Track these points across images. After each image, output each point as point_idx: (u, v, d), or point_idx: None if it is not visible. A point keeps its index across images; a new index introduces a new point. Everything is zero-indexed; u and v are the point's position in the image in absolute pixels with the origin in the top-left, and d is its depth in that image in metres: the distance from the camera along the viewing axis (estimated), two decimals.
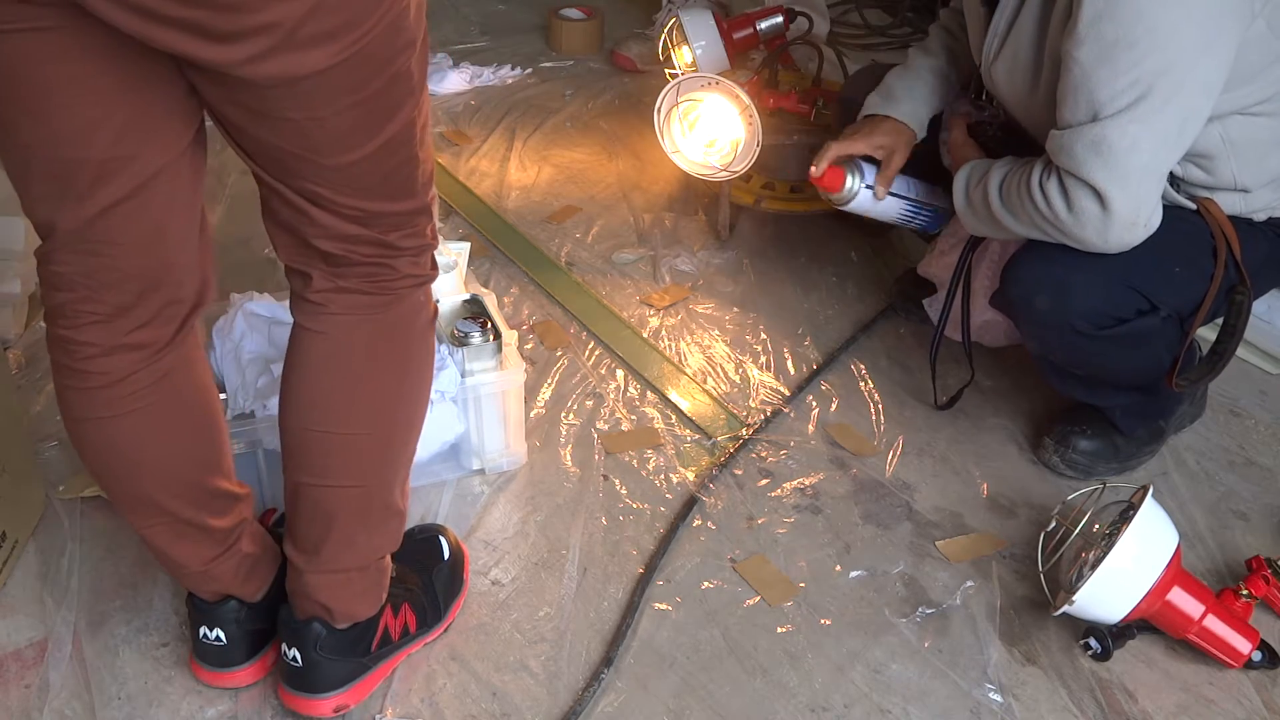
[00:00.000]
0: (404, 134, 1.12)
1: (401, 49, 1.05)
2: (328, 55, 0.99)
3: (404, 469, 1.34)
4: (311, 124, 1.05)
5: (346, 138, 1.07)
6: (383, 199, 1.15)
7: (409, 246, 1.21)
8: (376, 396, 1.26)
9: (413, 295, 1.24)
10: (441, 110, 2.92)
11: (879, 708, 1.43)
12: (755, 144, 2.08)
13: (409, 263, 1.22)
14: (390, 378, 1.26)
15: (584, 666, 1.47)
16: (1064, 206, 1.47)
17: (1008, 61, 1.60)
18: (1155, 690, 1.46)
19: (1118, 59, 1.39)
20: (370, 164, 1.11)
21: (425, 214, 1.22)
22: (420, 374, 1.30)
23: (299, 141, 1.07)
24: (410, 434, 1.32)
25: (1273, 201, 1.60)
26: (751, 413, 1.92)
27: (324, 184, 1.11)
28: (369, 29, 1.00)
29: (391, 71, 1.06)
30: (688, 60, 2.28)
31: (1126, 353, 1.60)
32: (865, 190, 1.84)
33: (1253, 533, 1.71)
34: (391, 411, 1.28)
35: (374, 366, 1.24)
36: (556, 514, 1.70)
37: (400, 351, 1.26)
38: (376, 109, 1.07)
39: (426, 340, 1.29)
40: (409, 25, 1.05)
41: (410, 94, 1.10)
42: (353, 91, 1.04)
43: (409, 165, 1.15)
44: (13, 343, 1.95)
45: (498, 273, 2.27)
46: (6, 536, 1.54)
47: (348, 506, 1.28)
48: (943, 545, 1.67)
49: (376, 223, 1.16)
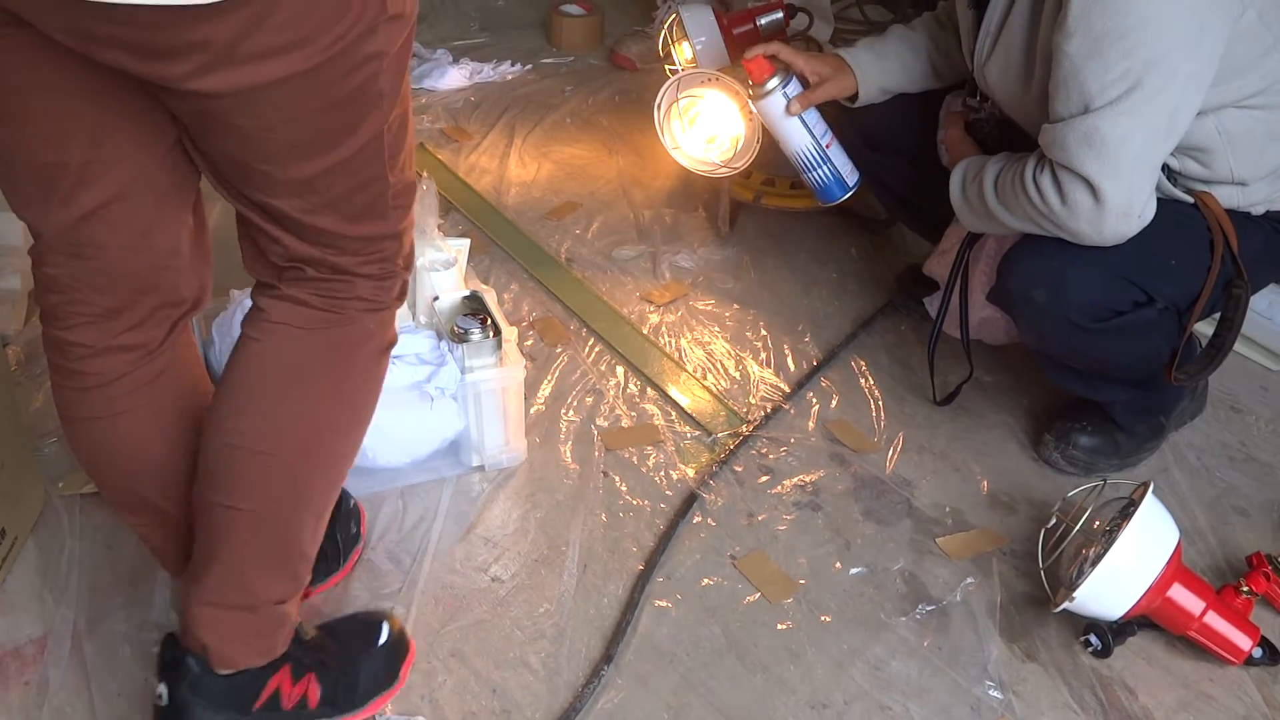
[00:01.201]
0: (368, 152, 1.06)
1: (362, 63, 0.99)
2: (274, 70, 0.94)
3: (317, 506, 1.22)
4: (263, 133, 1.00)
5: (300, 150, 1.03)
6: (342, 220, 1.10)
7: (369, 273, 1.15)
8: (297, 418, 1.16)
9: (363, 319, 1.17)
10: (441, 106, 2.91)
11: (879, 704, 1.43)
12: (755, 140, 2.08)
13: (368, 286, 1.16)
14: (317, 401, 1.17)
15: (584, 663, 1.47)
16: (1057, 199, 1.47)
17: (1000, 61, 1.61)
18: (1156, 687, 1.46)
19: (1108, 51, 1.39)
20: (328, 180, 1.06)
21: (393, 239, 1.15)
22: (354, 405, 1.20)
23: (252, 151, 1.02)
24: (331, 468, 1.21)
25: (1270, 195, 1.60)
26: (751, 409, 1.92)
27: (278, 197, 1.06)
28: (323, 46, 0.95)
29: (352, 85, 1.00)
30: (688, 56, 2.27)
31: (1124, 346, 1.60)
32: (781, 96, 1.87)
33: (1253, 529, 1.71)
34: (311, 437, 1.18)
35: (300, 384, 1.16)
36: (556, 510, 1.70)
37: (335, 375, 1.18)
38: (333, 123, 1.02)
39: (371, 372, 1.20)
40: (374, 40, 0.99)
41: (374, 109, 1.04)
42: (305, 104, 0.99)
43: (374, 186, 1.09)
44: (12, 338, 1.95)
45: (497, 269, 2.27)
46: (6, 533, 1.53)
47: (241, 533, 1.18)
48: (943, 542, 1.67)
49: (334, 244, 1.11)
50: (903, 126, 1.91)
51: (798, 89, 1.88)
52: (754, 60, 1.87)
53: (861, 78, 1.86)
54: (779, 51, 1.87)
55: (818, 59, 1.89)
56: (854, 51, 1.88)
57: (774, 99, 1.88)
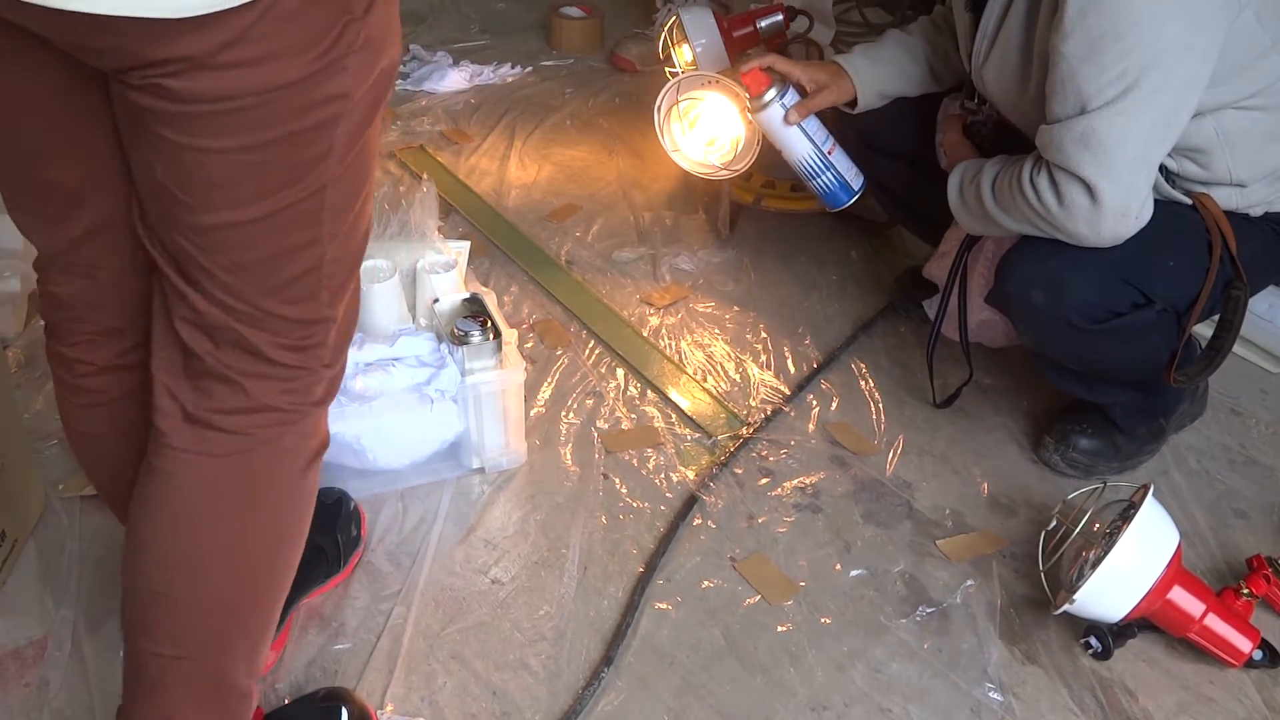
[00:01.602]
0: (302, 210, 0.94)
1: (321, 102, 0.89)
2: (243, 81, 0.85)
3: (252, 643, 1.13)
4: (194, 156, 0.89)
5: (228, 189, 0.91)
6: (263, 289, 0.96)
7: (284, 362, 1.01)
8: (211, 560, 1.06)
9: (279, 437, 1.03)
10: (441, 109, 2.91)
11: (879, 707, 1.43)
12: (755, 142, 2.08)
13: (275, 391, 1.01)
14: (235, 539, 1.06)
15: (584, 665, 1.47)
16: (1054, 200, 1.48)
17: (997, 63, 1.61)
18: (1156, 689, 1.46)
19: (1104, 52, 1.39)
20: (255, 235, 0.94)
21: (321, 325, 1.02)
22: (279, 534, 1.09)
23: (176, 174, 0.91)
24: (262, 605, 1.11)
25: (1269, 196, 1.61)
26: (752, 411, 1.92)
27: (196, 243, 0.94)
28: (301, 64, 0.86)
29: (302, 125, 0.89)
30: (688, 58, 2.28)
31: (1123, 347, 1.60)
32: (779, 107, 1.87)
33: (1253, 531, 1.71)
34: (231, 580, 1.08)
35: (214, 523, 1.05)
36: (556, 513, 1.70)
37: (252, 507, 1.06)
38: (271, 166, 0.91)
39: (295, 495, 1.08)
40: (342, 78, 0.89)
41: (320, 162, 0.92)
42: (247, 133, 0.88)
43: (306, 255, 0.97)
44: (12, 341, 1.95)
45: (497, 271, 2.27)
46: (6, 535, 1.53)
47: (170, 678, 1.09)
48: (943, 544, 1.67)
49: (250, 320, 0.98)
50: (901, 129, 1.92)
51: (795, 98, 1.88)
52: (750, 73, 1.88)
53: (859, 84, 1.86)
54: (774, 63, 1.87)
55: (814, 67, 1.89)
56: (850, 58, 1.88)
57: (772, 110, 1.88)
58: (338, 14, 0.87)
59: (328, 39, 0.87)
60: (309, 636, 1.49)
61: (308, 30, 0.86)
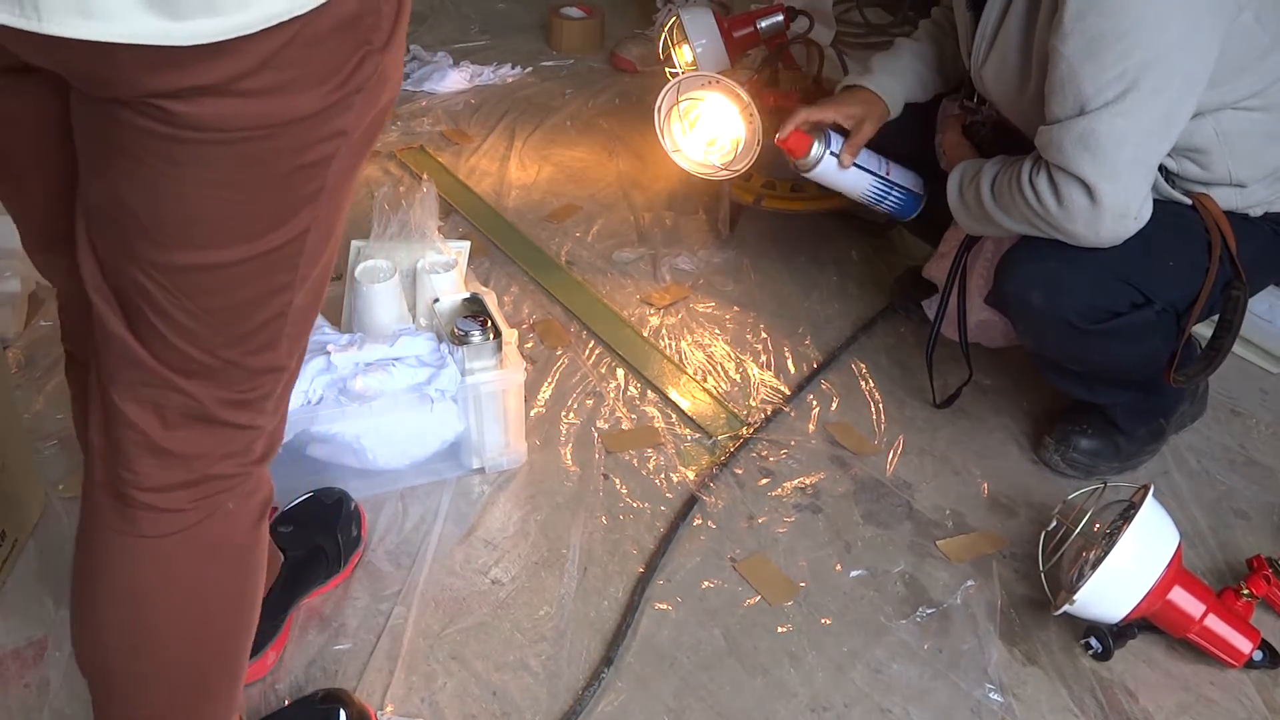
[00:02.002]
0: (284, 254, 0.87)
1: (323, 139, 0.83)
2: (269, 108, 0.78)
3: (227, 692, 1.08)
4: (173, 188, 0.80)
5: (211, 225, 0.83)
6: (229, 340, 0.89)
7: (233, 422, 0.93)
8: (169, 638, 1.01)
9: (216, 507, 0.97)
10: (441, 109, 2.91)
11: (879, 707, 1.43)
12: (756, 143, 2.08)
13: (215, 457, 0.94)
14: (188, 614, 1.01)
15: (584, 666, 1.47)
16: (1054, 201, 1.48)
17: (996, 64, 1.61)
18: (1156, 690, 1.46)
19: (1103, 53, 1.39)
20: (231, 279, 0.86)
21: (275, 375, 0.94)
22: (235, 598, 1.03)
23: (150, 204, 0.81)
24: (232, 661, 1.06)
25: (1269, 196, 1.61)
26: (752, 412, 1.92)
27: (160, 284, 0.85)
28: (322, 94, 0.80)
29: (301, 163, 0.82)
30: (688, 59, 2.28)
31: (1122, 347, 1.60)
32: (830, 157, 1.85)
33: (1254, 532, 1.71)
34: (195, 650, 1.03)
35: (162, 603, 0.99)
36: (557, 513, 1.70)
37: (201, 583, 1.00)
38: (260, 206, 0.83)
39: (242, 556, 1.02)
40: (347, 115, 0.83)
41: (311, 203, 0.85)
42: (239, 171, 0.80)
43: (276, 301, 0.89)
44: (12, 341, 1.95)
45: (498, 271, 2.27)
46: (6, 535, 1.53)
47: None
48: (943, 545, 1.67)
49: (203, 373, 0.90)
50: (900, 130, 1.91)
51: (840, 141, 1.85)
52: (789, 138, 1.83)
53: (890, 103, 1.85)
54: (809, 115, 1.84)
55: (846, 103, 1.85)
56: (876, 79, 1.86)
57: (826, 164, 1.85)
58: (358, 44, 0.81)
59: (346, 69, 0.80)
60: (309, 636, 1.49)
61: (330, 59, 0.79)
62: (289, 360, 0.95)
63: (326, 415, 1.60)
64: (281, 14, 0.74)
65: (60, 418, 1.81)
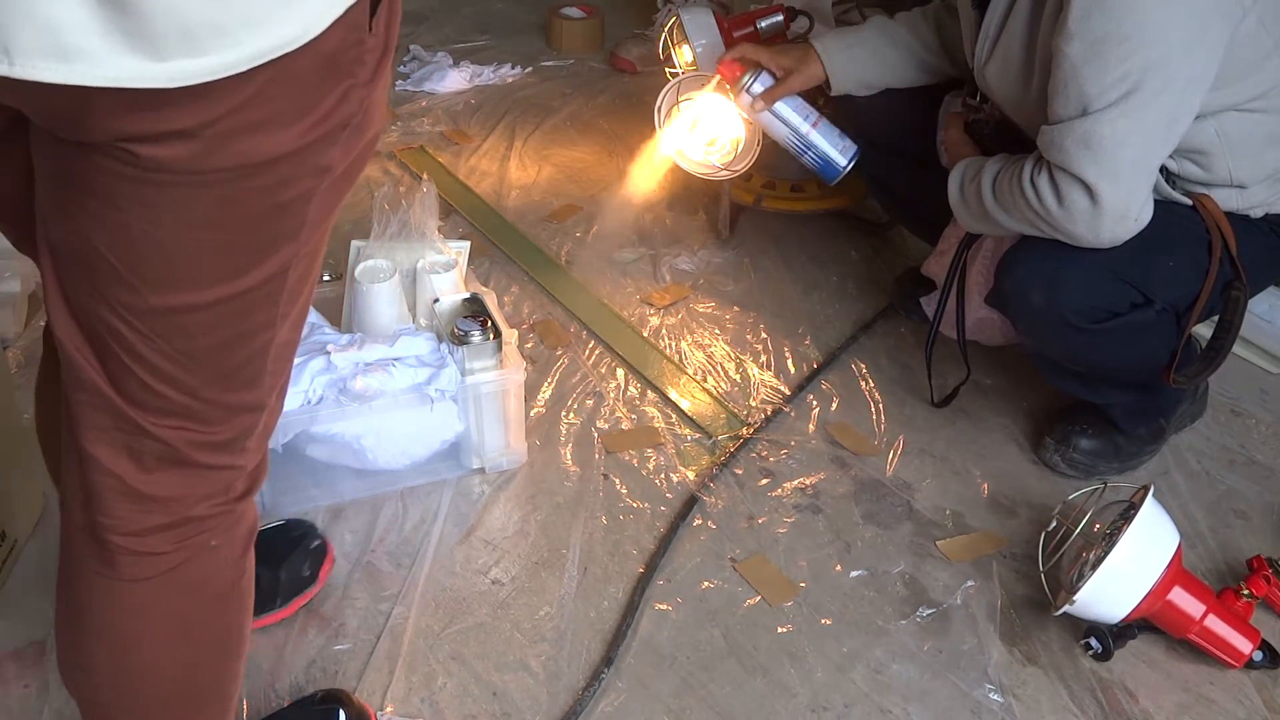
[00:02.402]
0: (264, 292, 0.84)
1: (306, 174, 0.80)
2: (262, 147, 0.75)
3: (221, 715, 1.06)
4: (149, 227, 0.77)
5: (187, 267, 0.80)
6: (208, 380, 0.86)
7: (209, 464, 0.91)
8: (158, 676, 0.99)
9: (199, 547, 0.94)
10: (441, 109, 2.91)
11: (879, 708, 1.43)
12: (755, 143, 2.08)
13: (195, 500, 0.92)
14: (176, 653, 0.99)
15: (584, 666, 1.46)
16: (1054, 201, 1.48)
17: (999, 63, 1.61)
18: (1156, 690, 1.46)
19: (1107, 54, 1.39)
20: (210, 320, 0.83)
21: (255, 413, 0.92)
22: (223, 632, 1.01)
23: (122, 247, 0.78)
24: (224, 688, 1.04)
25: (1269, 197, 1.61)
26: (752, 412, 1.92)
27: (136, 329, 0.82)
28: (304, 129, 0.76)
29: (282, 200, 0.79)
30: (688, 59, 2.28)
31: (1122, 347, 1.60)
32: (747, 95, 1.94)
33: (1254, 532, 1.71)
34: (185, 683, 1.01)
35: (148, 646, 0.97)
36: (557, 513, 1.70)
37: (187, 622, 0.98)
38: (240, 245, 0.80)
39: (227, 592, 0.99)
40: (331, 151, 0.80)
41: (291, 240, 0.82)
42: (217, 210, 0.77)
43: (258, 339, 0.87)
44: (12, 341, 1.95)
45: (498, 271, 2.27)
46: (6, 536, 1.53)
47: None
48: (943, 545, 1.67)
49: (181, 413, 0.87)
50: (902, 127, 1.92)
51: (765, 84, 1.93)
52: (722, 64, 1.95)
53: (829, 65, 1.89)
54: (745, 52, 1.93)
55: (782, 53, 1.94)
56: (822, 40, 1.92)
57: (742, 98, 1.95)
58: (341, 78, 0.77)
59: (327, 104, 0.77)
60: (309, 636, 1.49)
61: (310, 95, 0.76)
62: (268, 398, 0.92)
63: (326, 415, 1.60)
64: (267, 52, 0.70)
65: None
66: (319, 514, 1.68)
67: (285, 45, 0.71)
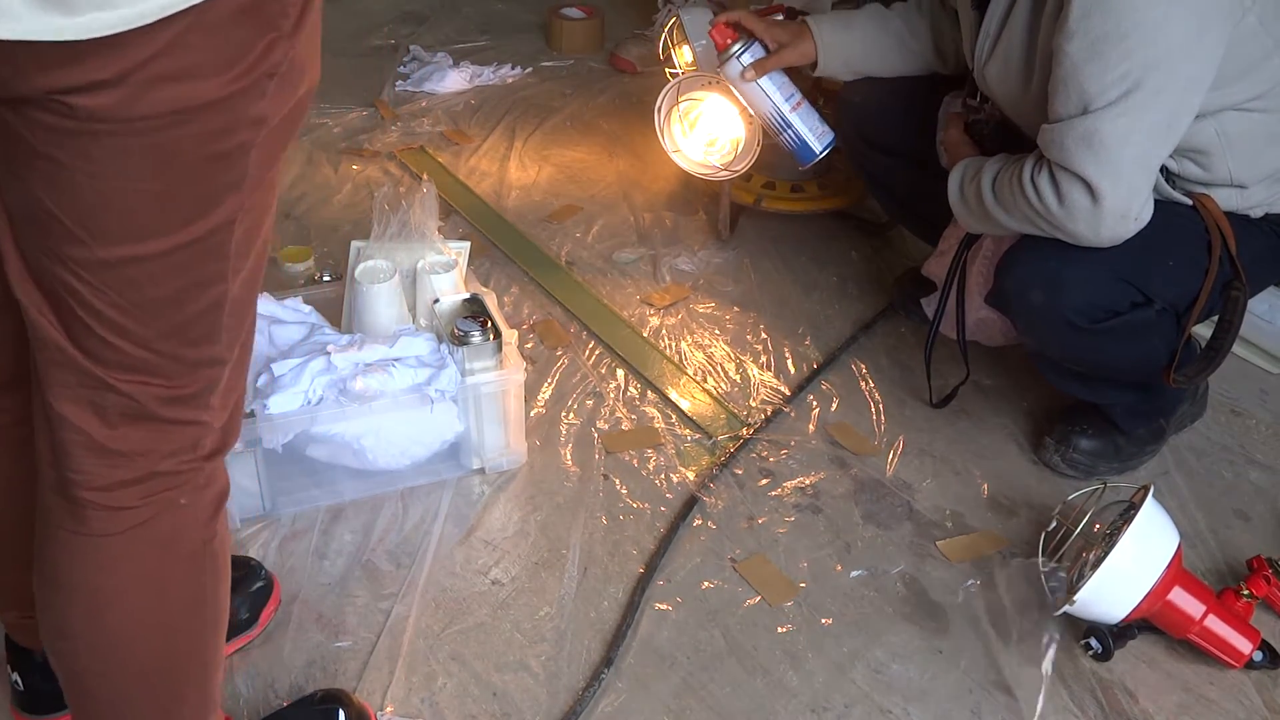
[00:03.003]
0: (211, 243, 0.87)
1: (238, 126, 0.83)
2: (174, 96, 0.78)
3: (197, 691, 1.07)
4: (91, 180, 0.81)
5: (130, 219, 0.83)
6: (162, 332, 0.89)
7: (172, 418, 0.93)
8: (130, 639, 1.00)
9: (167, 504, 0.96)
10: (441, 109, 2.91)
11: (880, 708, 1.43)
12: (755, 143, 2.08)
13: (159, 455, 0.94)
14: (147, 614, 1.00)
15: (584, 666, 1.47)
16: (1055, 200, 1.48)
17: (1000, 62, 1.61)
18: (1156, 690, 1.46)
19: (1108, 52, 1.39)
20: (157, 272, 0.86)
21: (217, 367, 0.94)
22: (194, 596, 1.02)
23: (69, 202, 0.82)
24: (198, 659, 1.06)
25: (1269, 197, 1.61)
26: (752, 412, 1.92)
27: (87, 282, 0.85)
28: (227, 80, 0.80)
29: (219, 150, 0.83)
30: (688, 59, 2.28)
31: (1122, 346, 1.61)
32: (737, 63, 1.92)
33: (1254, 532, 1.71)
34: (158, 649, 1.02)
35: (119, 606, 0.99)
36: (557, 513, 1.70)
37: (157, 581, 0.99)
38: (182, 196, 0.84)
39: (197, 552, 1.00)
40: (261, 101, 0.83)
41: (234, 190, 0.86)
42: (157, 160, 0.81)
43: (210, 292, 0.90)
44: None
45: (498, 272, 2.27)
46: None
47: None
48: (943, 545, 1.67)
49: (140, 367, 0.89)
50: (902, 128, 1.92)
51: (755, 55, 1.91)
52: (716, 27, 1.93)
53: (820, 45, 1.90)
54: (742, 19, 1.91)
55: (778, 26, 1.93)
56: (817, 19, 1.92)
57: (731, 65, 1.92)
58: (263, 29, 0.81)
59: (251, 55, 0.80)
60: (309, 636, 1.49)
61: (232, 45, 0.79)
62: (228, 353, 0.95)
63: (326, 416, 1.60)
64: (175, 4, 0.75)
65: None
66: (319, 514, 1.68)
67: None
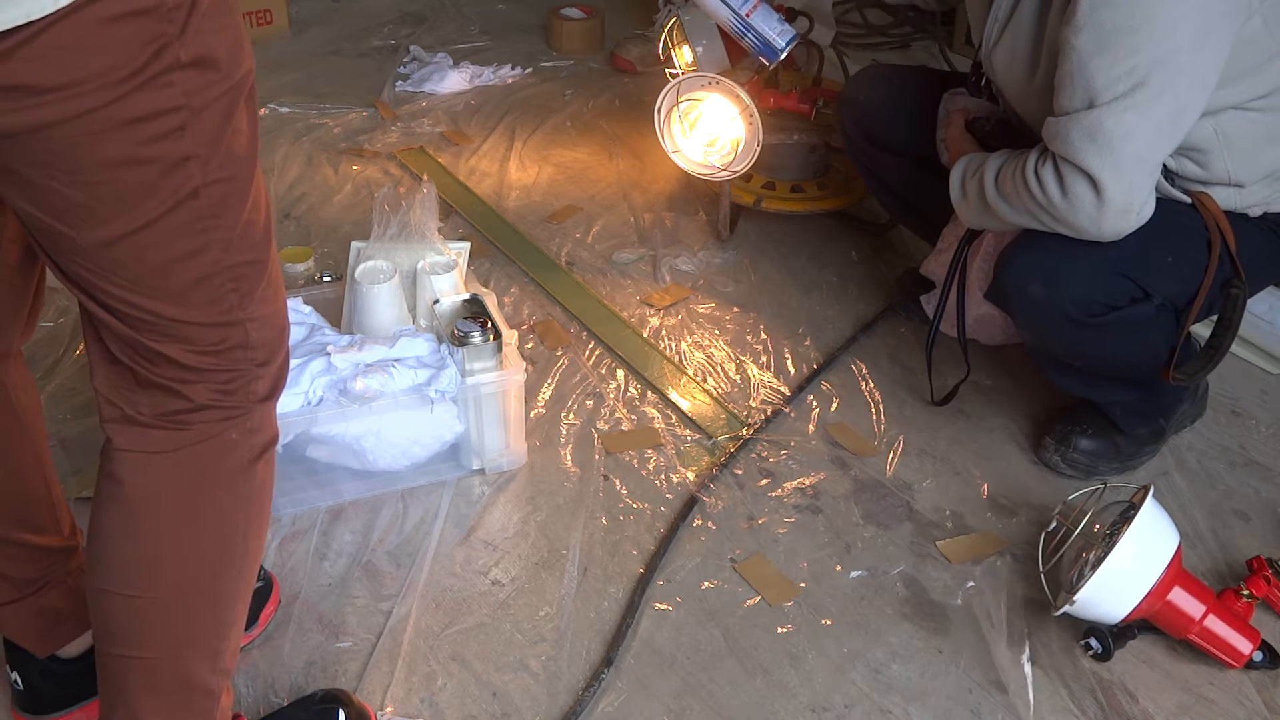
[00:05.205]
0: (175, 221, 0.93)
1: (149, 117, 0.87)
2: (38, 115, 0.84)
3: (213, 639, 1.12)
4: (48, 186, 0.89)
5: (91, 210, 0.90)
6: (163, 299, 0.96)
7: (204, 367, 1.01)
8: (159, 555, 1.06)
9: (219, 433, 1.04)
10: (441, 110, 2.92)
11: (880, 708, 1.43)
12: (755, 144, 2.08)
13: (210, 391, 1.02)
14: (178, 533, 1.06)
15: (584, 666, 1.47)
16: (1058, 192, 1.48)
17: (1007, 49, 1.61)
18: (1156, 690, 1.46)
19: (1115, 47, 1.39)
20: (133, 250, 0.93)
21: (233, 328, 1.01)
22: (224, 531, 1.08)
23: (42, 206, 0.91)
24: (218, 600, 1.10)
25: (1267, 197, 1.61)
26: (752, 412, 1.92)
27: (85, 266, 0.95)
28: (90, 91, 0.84)
29: (138, 139, 0.88)
30: (688, 60, 2.28)
31: (1121, 342, 1.61)
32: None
33: (1253, 532, 1.71)
34: (180, 574, 1.07)
35: (154, 518, 1.06)
36: (557, 514, 1.70)
37: (193, 501, 1.06)
38: (123, 183, 0.90)
39: (240, 488, 1.07)
40: (167, 93, 0.87)
41: (177, 170, 0.91)
42: (83, 157, 0.87)
43: (198, 262, 0.96)
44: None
45: (498, 272, 2.27)
46: None
47: (134, 679, 1.09)
48: (943, 545, 1.67)
49: (159, 331, 0.98)
50: (902, 125, 1.92)
51: None
52: None
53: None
54: None
55: None
56: None
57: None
58: (149, 37, 0.85)
59: (139, 60, 0.85)
60: (309, 636, 1.49)
61: (112, 55, 0.84)
62: (244, 314, 1.01)
63: (326, 416, 1.60)
64: (46, 8, 0.79)
65: (60, 418, 1.82)
66: (319, 514, 1.68)
67: (41, 9, 0.79)
